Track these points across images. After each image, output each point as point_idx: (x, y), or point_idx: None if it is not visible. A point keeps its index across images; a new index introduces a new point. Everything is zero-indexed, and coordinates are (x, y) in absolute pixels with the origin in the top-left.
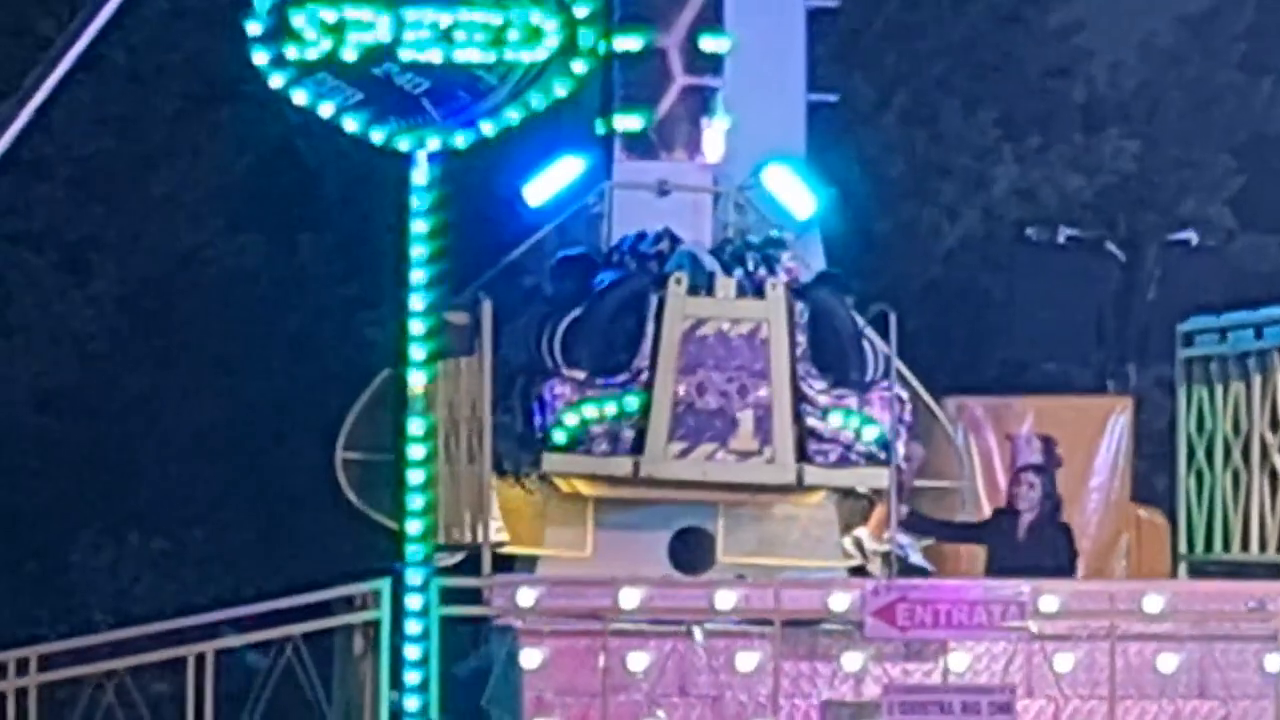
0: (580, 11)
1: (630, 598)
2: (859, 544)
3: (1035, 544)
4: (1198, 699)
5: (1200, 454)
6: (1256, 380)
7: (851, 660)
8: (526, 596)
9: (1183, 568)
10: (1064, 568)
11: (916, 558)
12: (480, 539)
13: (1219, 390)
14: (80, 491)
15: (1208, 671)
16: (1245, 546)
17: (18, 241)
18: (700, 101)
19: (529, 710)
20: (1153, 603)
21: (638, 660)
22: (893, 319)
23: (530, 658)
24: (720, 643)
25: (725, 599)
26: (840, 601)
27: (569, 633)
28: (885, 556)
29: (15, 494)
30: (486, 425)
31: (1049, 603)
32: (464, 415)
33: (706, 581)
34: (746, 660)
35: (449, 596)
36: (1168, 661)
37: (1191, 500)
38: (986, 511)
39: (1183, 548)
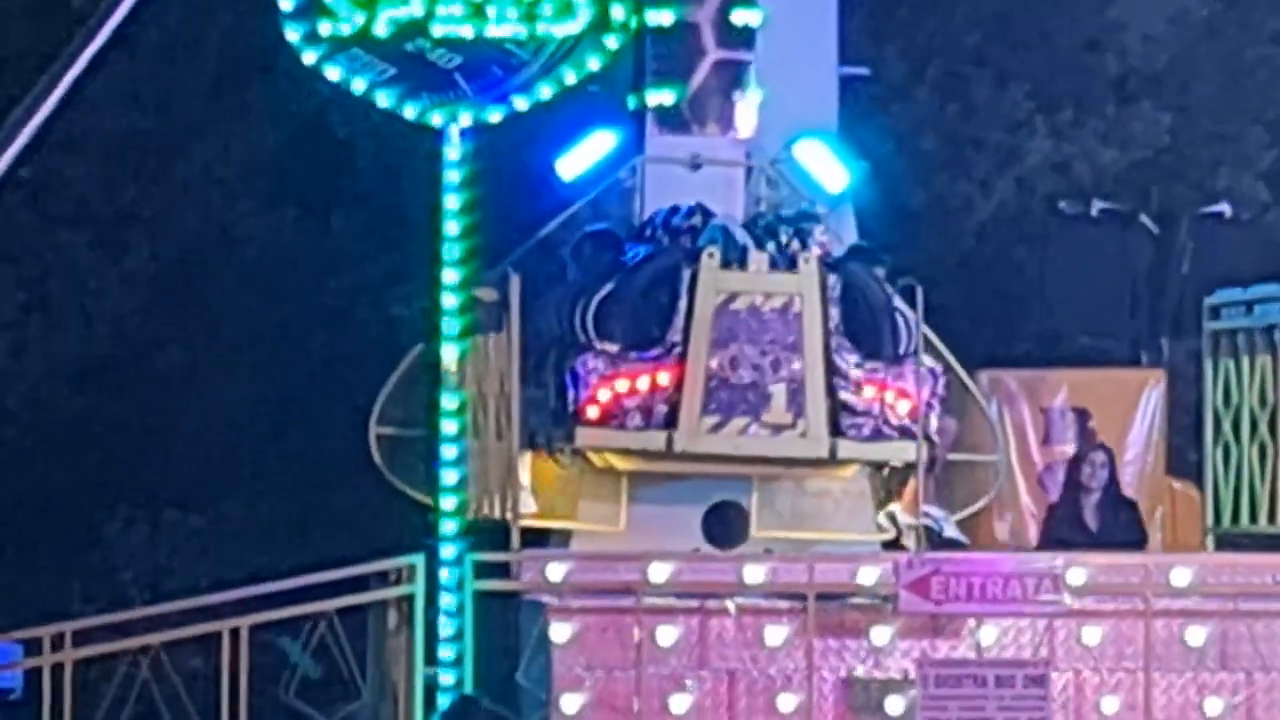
0: None
1: (660, 572)
2: (893, 518)
3: (1106, 524)
4: (1225, 672)
5: (1227, 427)
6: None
7: (880, 635)
8: (556, 571)
9: (1210, 541)
10: (1137, 544)
11: (951, 530)
12: (509, 514)
13: (1245, 363)
14: (115, 467)
15: (1236, 644)
16: (1273, 519)
17: (52, 219)
18: (732, 75)
19: (558, 684)
20: (1180, 576)
21: (666, 635)
22: (919, 292)
23: (560, 632)
24: (749, 618)
25: (754, 574)
26: (870, 575)
27: (598, 609)
28: (920, 530)
29: (50, 470)
30: (515, 401)
31: (1077, 576)
32: (493, 391)
33: (736, 556)
34: (775, 635)
35: (482, 571)
36: (1196, 635)
37: (1219, 473)
38: (1021, 485)
39: (1210, 521)
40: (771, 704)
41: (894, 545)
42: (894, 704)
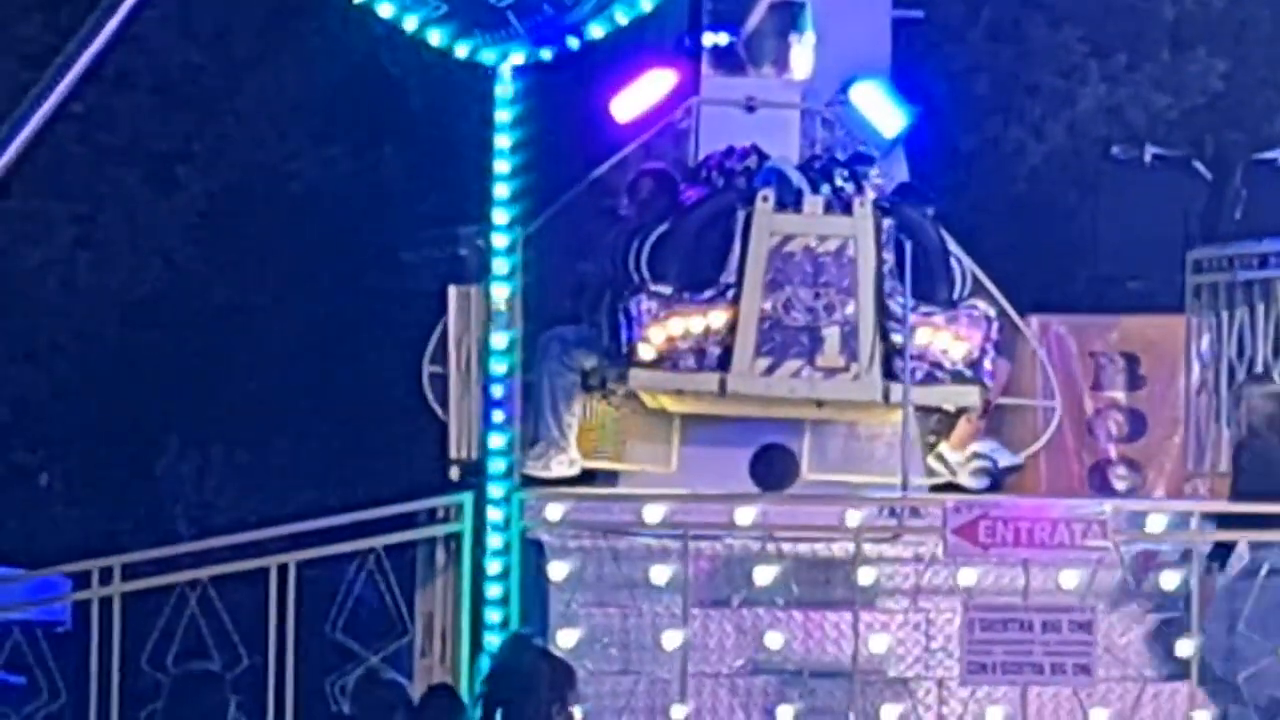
0: None
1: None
2: (943, 459)
3: None
4: None
5: (1209, 377)
6: (1260, 307)
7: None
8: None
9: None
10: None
11: (1007, 459)
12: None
13: (1224, 316)
14: (164, 403)
15: None
16: None
17: (104, 153)
18: (788, 17)
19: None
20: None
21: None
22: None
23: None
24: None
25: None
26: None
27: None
28: (976, 466)
29: (100, 405)
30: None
31: (1156, 522)
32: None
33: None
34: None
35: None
36: None
37: (1201, 423)
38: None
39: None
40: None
41: (946, 488)
42: None
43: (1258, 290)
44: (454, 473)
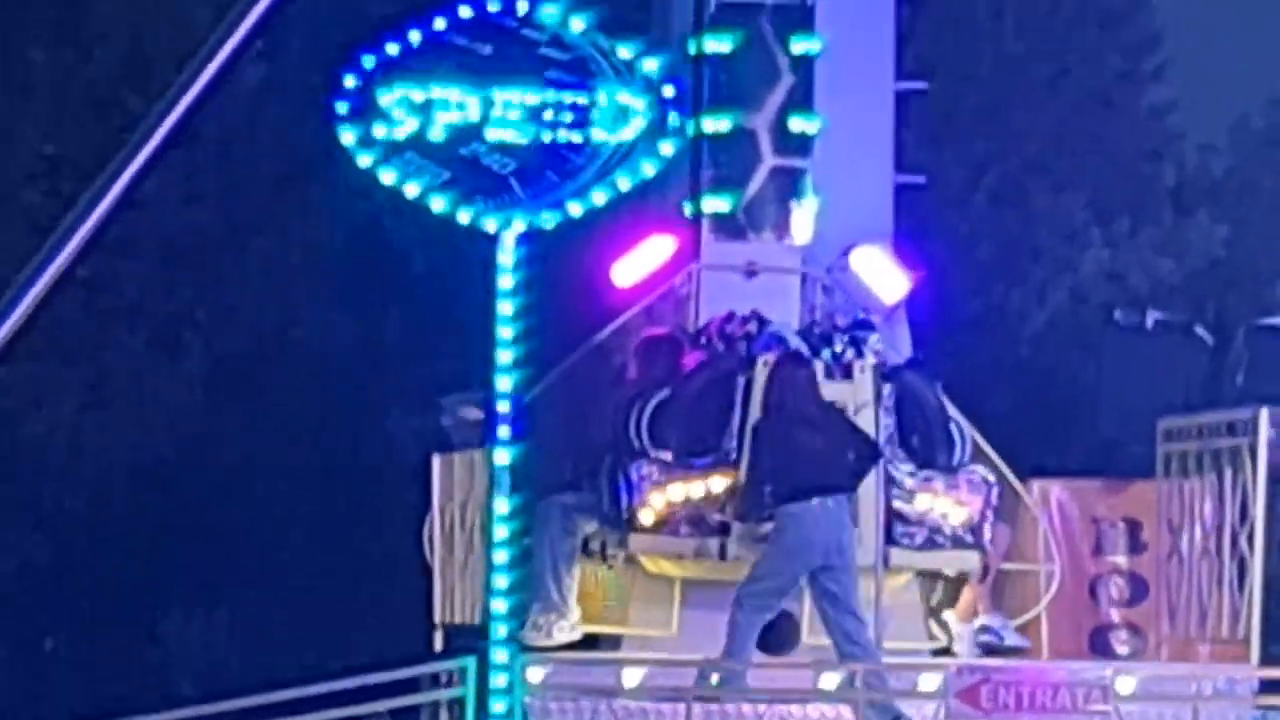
0: (668, 91)
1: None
2: (945, 626)
3: None
4: None
5: (1182, 542)
6: (1228, 474)
7: None
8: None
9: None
10: None
11: (1013, 638)
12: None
13: (1194, 483)
14: (171, 564)
15: None
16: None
17: (110, 317)
18: (789, 182)
19: None
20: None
21: None
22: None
23: None
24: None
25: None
26: (926, 683)
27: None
28: (982, 639)
29: (108, 565)
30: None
31: (1126, 685)
32: (479, 504)
33: (790, 662)
34: None
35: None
36: None
37: (1174, 587)
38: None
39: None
40: None
41: (945, 652)
42: None
43: (1226, 457)
44: (439, 639)
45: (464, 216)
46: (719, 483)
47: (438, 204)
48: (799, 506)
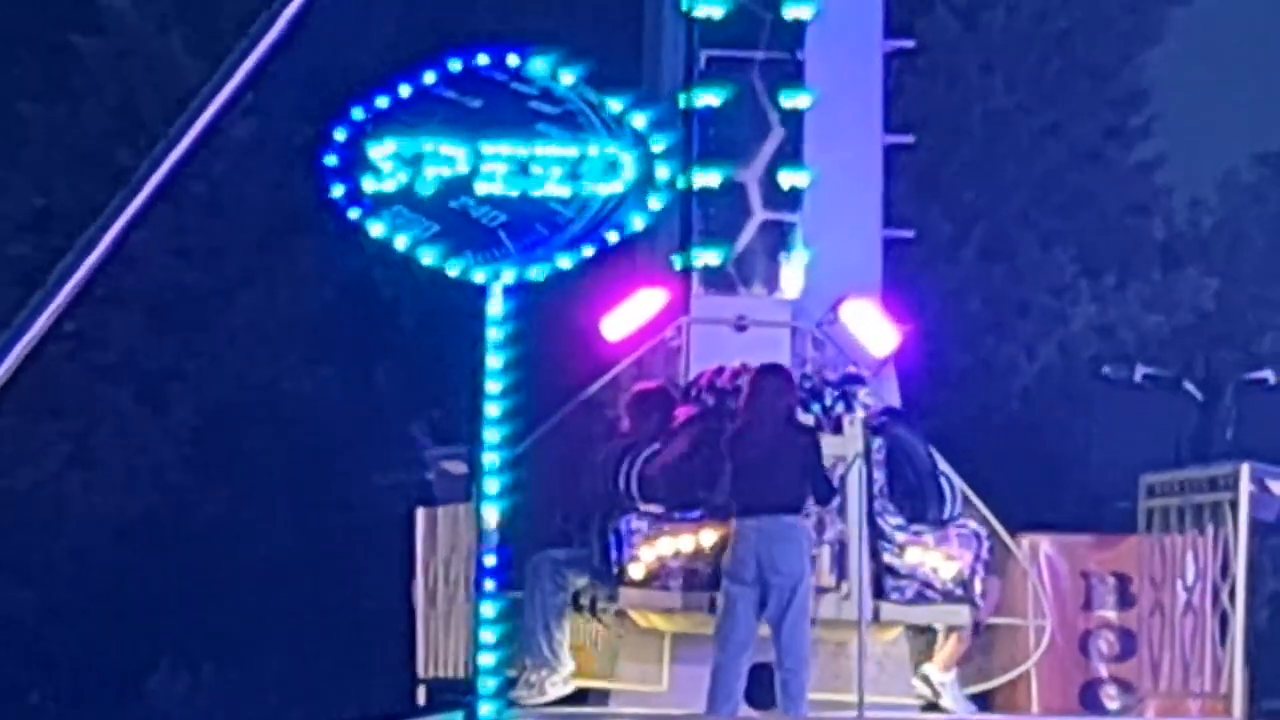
0: (658, 145)
1: None
2: (926, 679)
3: None
4: None
5: (1164, 598)
6: (1210, 529)
7: None
8: None
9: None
10: None
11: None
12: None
13: (1177, 539)
14: (156, 621)
15: None
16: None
17: (97, 373)
18: (779, 236)
19: None
20: None
21: None
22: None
23: None
24: None
25: None
26: None
27: None
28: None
29: (92, 623)
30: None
31: None
32: (462, 558)
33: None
34: None
35: None
36: None
37: (1154, 642)
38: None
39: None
40: None
41: (932, 708)
42: None
43: (1208, 513)
44: (421, 694)
45: (453, 269)
46: (709, 536)
47: (427, 257)
48: (739, 522)
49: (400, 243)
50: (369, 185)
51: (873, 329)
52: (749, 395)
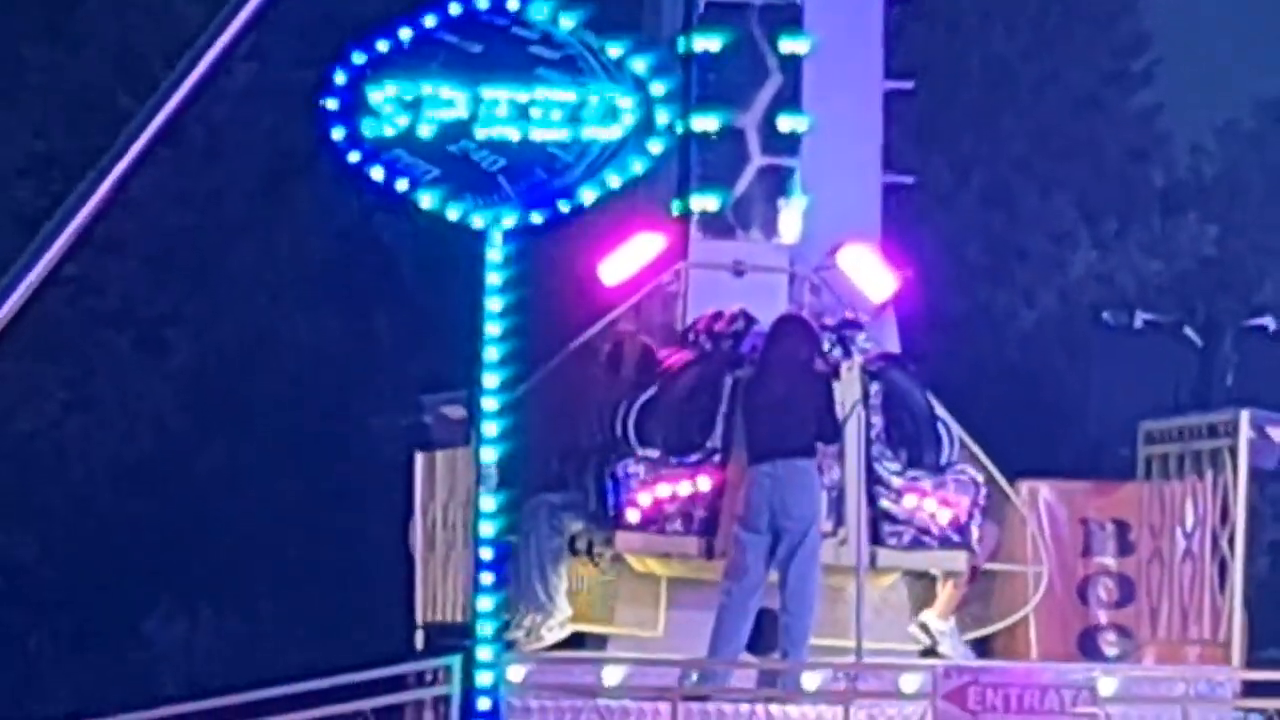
0: (657, 90)
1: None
2: (925, 626)
3: None
4: None
5: (1163, 545)
6: (1209, 476)
7: None
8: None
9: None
10: None
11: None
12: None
13: (1175, 486)
14: (155, 565)
15: None
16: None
17: (96, 318)
18: (777, 181)
19: None
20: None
21: None
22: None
23: None
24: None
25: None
26: (911, 683)
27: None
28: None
29: (92, 564)
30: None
31: (1108, 686)
32: (460, 502)
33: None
34: None
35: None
36: None
37: (1154, 590)
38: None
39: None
40: None
41: (931, 654)
42: None
43: (1206, 460)
44: (419, 638)
45: (452, 213)
46: (705, 481)
47: (426, 201)
48: (753, 469)
49: (401, 186)
50: (369, 129)
51: (871, 275)
52: (768, 343)
